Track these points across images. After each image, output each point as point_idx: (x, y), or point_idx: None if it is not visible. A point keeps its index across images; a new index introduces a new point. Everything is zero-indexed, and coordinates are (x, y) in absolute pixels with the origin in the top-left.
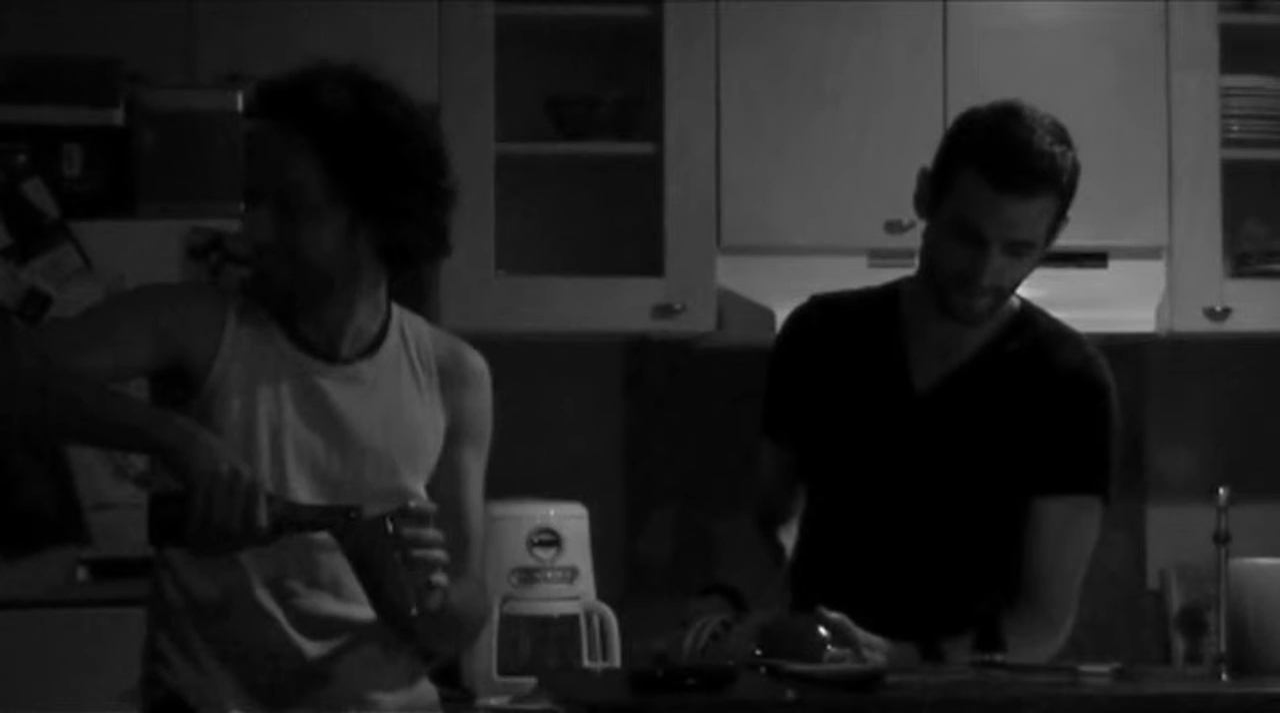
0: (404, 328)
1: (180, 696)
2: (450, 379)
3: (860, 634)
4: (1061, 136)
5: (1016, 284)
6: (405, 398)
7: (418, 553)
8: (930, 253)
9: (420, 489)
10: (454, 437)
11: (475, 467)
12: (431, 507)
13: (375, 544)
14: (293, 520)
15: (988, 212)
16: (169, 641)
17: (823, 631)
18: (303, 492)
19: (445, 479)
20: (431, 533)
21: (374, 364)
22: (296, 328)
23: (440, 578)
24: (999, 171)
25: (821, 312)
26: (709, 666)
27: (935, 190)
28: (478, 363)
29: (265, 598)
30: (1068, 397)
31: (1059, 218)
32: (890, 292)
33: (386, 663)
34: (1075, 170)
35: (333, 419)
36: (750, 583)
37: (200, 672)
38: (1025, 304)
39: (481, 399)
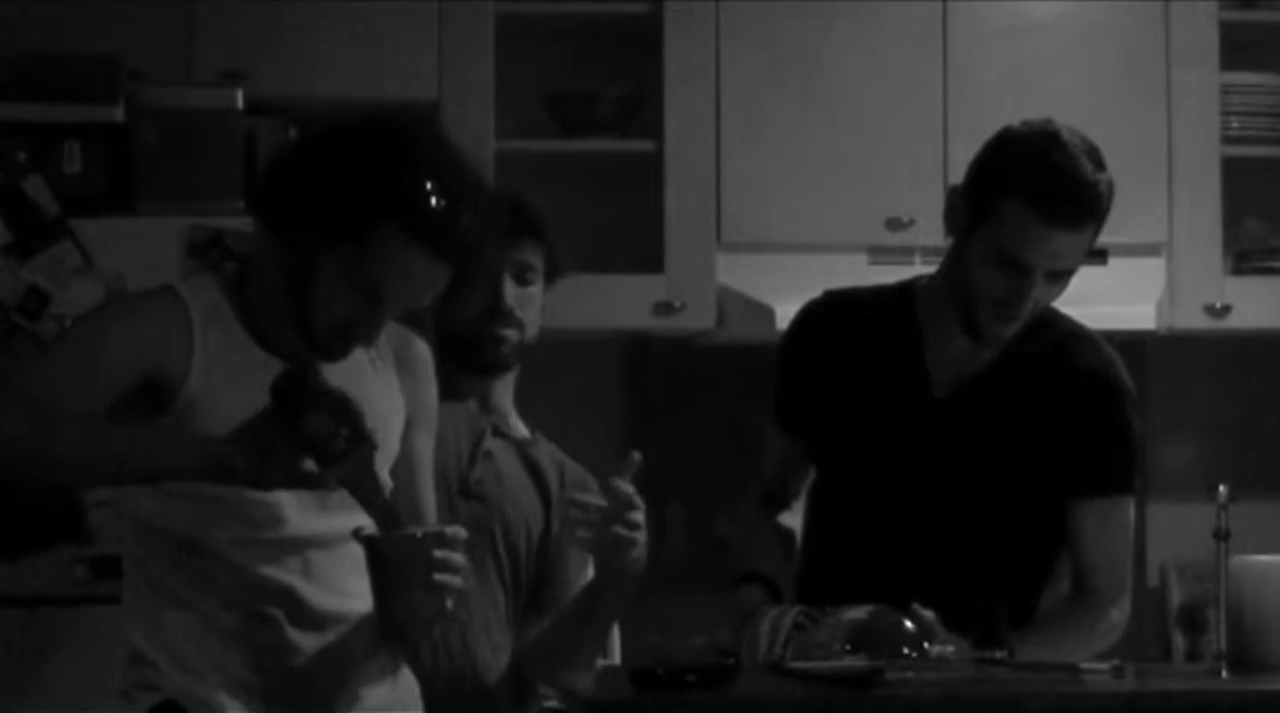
0: None
1: (175, 701)
2: (403, 366)
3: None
4: (1099, 161)
5: (1047, 306)
6: (369, 388)
7: (440, 578)
8: (965, 275)
9: (388, 477)
10: (411, 425)
11: (429, 454)
12: (464, 534)
13: (402, 558)
14: (360, 481)
15: (1034, 243)
16: (157, 647)
17: (914, 627)
18: (290, 494)
19: (403, 468)
20: (459, 559)
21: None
22: (263, 329)
23: (450, 604)
24: (1047, 205)
25: (836, 307)
26: (709, 663)
27: (972, 213)
28: (425, 350)
29: (263, 599)
30: (1090, 400)
31: (1095, 239)
32: (904, 291)
33: (371, 656)
34: (1112, 194)
35: None
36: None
37: (194, 676)
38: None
39: (432, 386)
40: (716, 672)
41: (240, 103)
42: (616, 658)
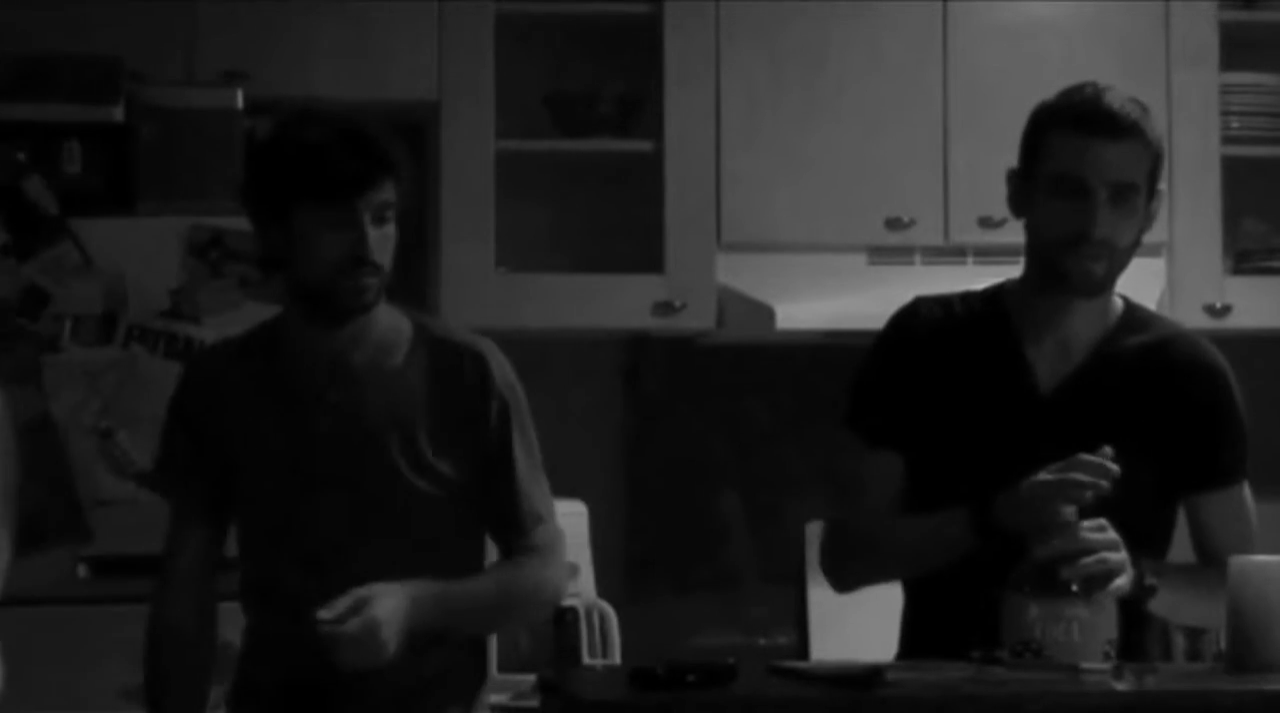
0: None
1: None
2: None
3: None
4: (1135, 100)
5: (1128, 247)
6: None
7: None
8: (1038, 232)
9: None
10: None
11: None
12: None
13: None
14: None
15: (1084, 156)
16: None
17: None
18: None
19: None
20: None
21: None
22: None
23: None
24: (1084, 119)
25: (933, 312)
26: (710, 663)
27: (1026, 176)
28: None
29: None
30: (1197, 389)
31: (1153, 174)
32: (994, 295)
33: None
34: (1158, 130)
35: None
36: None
37: None
38: (1128, 301)
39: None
40: (716, 672)
41: (240, 103)
42: (616, 657)
